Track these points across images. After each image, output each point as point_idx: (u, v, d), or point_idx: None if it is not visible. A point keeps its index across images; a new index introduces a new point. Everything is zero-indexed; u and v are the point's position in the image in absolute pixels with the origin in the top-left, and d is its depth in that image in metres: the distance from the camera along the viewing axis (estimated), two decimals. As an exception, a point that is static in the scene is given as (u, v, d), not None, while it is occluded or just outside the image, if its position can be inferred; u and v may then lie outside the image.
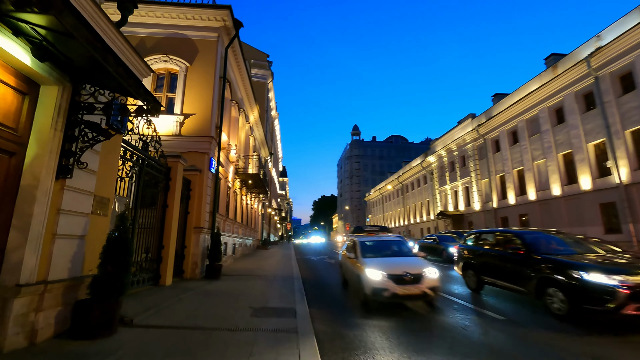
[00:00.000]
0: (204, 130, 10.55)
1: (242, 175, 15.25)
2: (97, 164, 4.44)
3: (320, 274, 11.94)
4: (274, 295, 7.05)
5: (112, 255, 4.04)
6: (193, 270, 9.32)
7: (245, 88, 16.58)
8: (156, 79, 11.25)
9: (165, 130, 10.46)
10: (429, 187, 39.82)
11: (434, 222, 37.85)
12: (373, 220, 67.11)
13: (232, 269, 11.69)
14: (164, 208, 7.87)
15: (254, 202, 22.45)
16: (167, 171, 8.00)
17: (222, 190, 12.72)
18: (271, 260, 15.39)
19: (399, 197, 51.30)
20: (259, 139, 24.01)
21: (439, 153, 35.91)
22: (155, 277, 7.45)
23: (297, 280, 9.45)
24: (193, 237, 9.51)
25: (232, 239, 14.33)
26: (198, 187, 9.87)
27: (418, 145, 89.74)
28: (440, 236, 17.24)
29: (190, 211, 9.58)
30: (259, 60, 30.72)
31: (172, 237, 7.87)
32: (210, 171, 10.43)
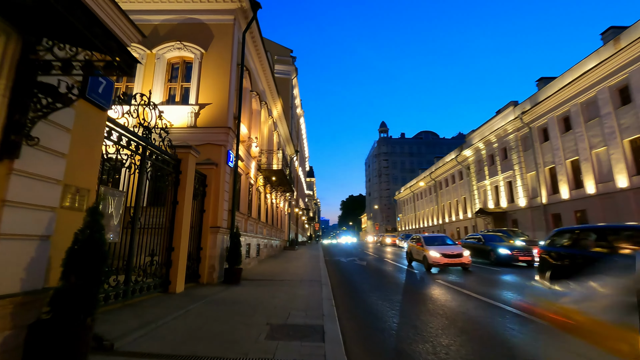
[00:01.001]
0: (220, 121, 9.64)
1: (266, 172, 14.32)
2: (67, 145, 3.48)
3: (352, 278, 10.66)
4: (298, 306, 5.88)
5: (77, 261, 3.03)
6: (210, 275, 8.40)
7: (267, 80, 15.66)
8: (170, 69, 10.52)
9: (179, 122, 9.68)
10: (465, 183, 37.14)
11: (471, 221, 35.21)
12: (404, 219, 64.57)
13: (255, 273, 10.71)
14: (174, 205, 6.96)
15: (280, 201, 21.56)
16: (176, 163, 7.10)
17: (243, 187, 11.81)
18: (297, 263, 14.32)
19: (431, 195, 48.67)
20: (283, 135, 23.12)
21: (476, 146, 33.27)
22: (164, 284, 6.55)
23: (326, 286, 8.24)
24: (210, 238, 8.60)
25: (255, 240, 13.41)
26: (214, 183, 8.96)
27: (450, 141, 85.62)
28: (486, 235, 15.32)
29: (206, 209, 8.68)
30: (282, 56, 29.95)
31: (183, 237, 6.95)
32: (228, 165, 9.50)
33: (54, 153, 3.32)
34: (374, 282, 9.52)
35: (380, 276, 10.91)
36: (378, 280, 9.89)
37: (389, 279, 10.16)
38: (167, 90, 10.27)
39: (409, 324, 5.15)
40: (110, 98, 4.18)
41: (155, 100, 9.87)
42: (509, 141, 28.24)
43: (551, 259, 6.38)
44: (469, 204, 36.25)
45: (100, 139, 4.16)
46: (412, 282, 9.46)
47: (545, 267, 6.51)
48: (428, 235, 13.42)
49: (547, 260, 6.51)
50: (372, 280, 10.04)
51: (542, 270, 6.67)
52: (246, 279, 9.32)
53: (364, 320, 5.49)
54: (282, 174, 14.57)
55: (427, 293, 7.82)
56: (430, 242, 12.53)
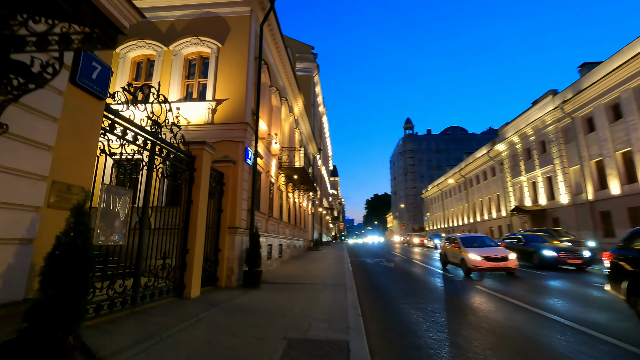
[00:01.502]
0: (238, 116, 9.23)
1: (287, 170, 13.86)
2: (54, 136, 3.08)
3: (379, 282, 9.91)
4: (320, 315, 5.28)
5: (57, 269, 2.60)
6: (228, 278, 7.99)
7: (287, 75, 15.20)
8: (188, 66, 10.27)
9: (196, 119, 9.37)
10: (499, 179, 35.00)
11: (506, 219, 33.11)
12: (431, 218, 62.36)
13: (276, 275, 10.24)
14: (188, 204, 6.58)
15: (302, 201, 21.10)
16: (190, 161, 6.71)
17: (264, 185, 11.39)
18: (321, 264, 13.74)
19: (461, 193, 46.49)
20: (305, 133, 22.64)
21: (510, 140, 31.18)
22: (177, 288, 6.16)
23: (351, 291, 7.58)
24: (228, 239, 8.19)
25: (277, 241, 12.97)
26: (232, 181, 8.55)
27: (480, 136, 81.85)
28: (527, 235, 13.97)
29: (223, 209, 8.29)
30: (303, 53, 29.51)
31: (198, 239, 6.55)
32: (246, 162, 9.07)
33: (37, 145, 2.92)
34: (404, 287, 8.74)
35: (410, 280, 10.08)
36: (408, 285, 9.09)
37: (421, 284, 9.32)
38: (184, 87, 10.02)
39: (449, 340, 4.40)
40: (107, 86, 3.77)
41: (172, 97, 9.64)
42: (547, 133, 26.13)
43: (630, 266, 5.11)
44: (503, 202, 34.11)
45: (96, 132, 3.75)
46: (447, 288, 8.57)
47: (621, 275, 5.26)
48: (466, 236, 12.17)
49: (623, 268, 5.25)
50: (401, 284, 9.25)
51: (615, 280, 5.43)
52: (266, 281, 8.85)
53: (395, 333, 4.78)
54: (304, 171, 14.04)
55: (466, 301, 6.95)
56: (469, 243, 11.28)
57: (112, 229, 4.37)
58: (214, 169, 7.98)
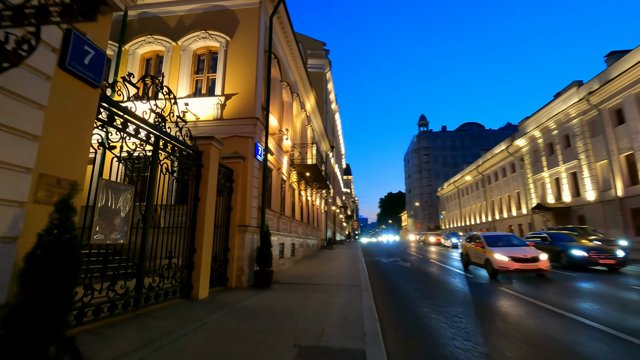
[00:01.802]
0: (247, 111, 8.95)
1: (299, 167, 13.54)
2: (40, 125, 2.82)
3: (396, 283, 9.45)
4: (334, 319, 4.90)
5: (38, 271, 2.32)
6: (238, 278, 7.72)
7: (298, 70, 14.86)
8: (197, 61, 10.07)
9: (205, 114, 9.15)
10: (519, 176, 33.70)
11: (527, 218, 31.84)
12: (447, 217, 60.97)
13: (289, 275, 9.93)
14: (195, 201, 6.32)
15: (315, 199, 20.76)
16: (197, 156, 6.45)
17: (275, 183, 11.09)
18: (335, 263, 13.36)
19: (479, 190, 45.14)
20: (317, 130, 22.28)
21: (531, 135, 29.91)
22: (185, 289, 5.91)
23: (366, 292, 7.18)
24: (238, 238, 7.92)
25: (289, 239, 12.67)
26: (242, 178, 8.28)
27: (498, 132, 79.47)
28: (553, 234, 13.18)
29: (233, 207, 8.02)
30: (315, 49, 29.17)
31: (205, 237, 6.29)
32: (256, 159, 8.79)
33: (21, 134, 2.66)
34: (423, 289, 8.25)
35: (429, 281, 9.58)
36: (427, 286, 8.60)
37: (441, 285, 8.81)
38: (193, 83, 9.83)
39: (477, 350, 3.94)
40: (101, 72, 3.49)
41: (181, 93, 9.45)
42: (572, 127, 24.87)
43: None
44: (523, 199, 32.83)
45: (89, 122, 3.48)
46: (470, 290, 8.03)
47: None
48: (490, 234, 11.24)
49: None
50: (420, 285, 8.77)
51: None
52: (278, 282, 8.55)
53: (416, 341, 4.36)
54: (316, 168, 13.68)
55: (493, 305, 6.43)
56: (494, 243, 10.47)
57: (111, 226, 4.12)
58: (223, 165, 7.72)
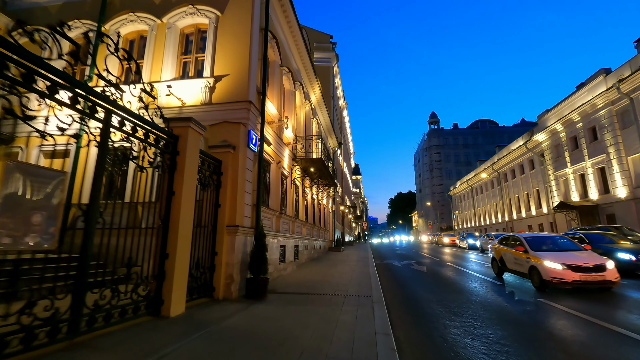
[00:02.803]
0: (239, 94, 7.78)
1: (302, 162, 12.31)
2: None
3: (413, 292, 8.14)
4: (339, 348, 3.69)
5: None
6: (227, 287, 6.53)
7: (301, 57, 13.66)
8: (184, 41, 8.96)
9: (192, 99, 8.03)
10: (538, 172, 31.80)
11: (548, 217, 29.95)
12: (461, 216, 58.93)
13: (289, 282, 8.71)
14: (169, 196, 5.16)
15: (322, 197, 19.51)
16: (172, 141, 5.29)
17: (274, 178, 9.90)
18: (343, 268, 12.09)
19: (494, 189, 43.18)
20: (324, 124, 21.03)
21: (552, 128, 28.04)
22: (153, 304, 4.74)
23: (379, 306, 5.92)
24: (226, 240, 6.74)
25: (292, 241, 11.46)
26: (232, 171, 7.10)
27: (512, 129, 76.91)
28: (590, 235, 11.64)
29: (221, 204, 6.85)
30: (321, 42, 27.99)
31: (182, 240, 5.12)
32: (249, 148, 7.60)
33: None
34: (448, 301, 6.92)
35: (452, 290, 8.22)
36: (452, 298, 7.25)
37: (468, 297, 7.46)
38: (180, 65, 8.71)
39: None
40: None
41: (165, 77, 8.35)
42: (599, 118, 23.01)
43: None
44: (543, 197, 30.92)
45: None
46: (508, 305, 6.63)
47: None
48: (534, 235, 9.28)
49: None
50: (442, 296, 7.43)
51: None
52: (275, 291, 7.34)
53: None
54: (321, 163, 12.44)
55: (544, 326, 5.07)
56: (539, 245, 8.62)
57: (26, 226, 2.97)
58: (208, 154, 6.56)
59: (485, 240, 21.93)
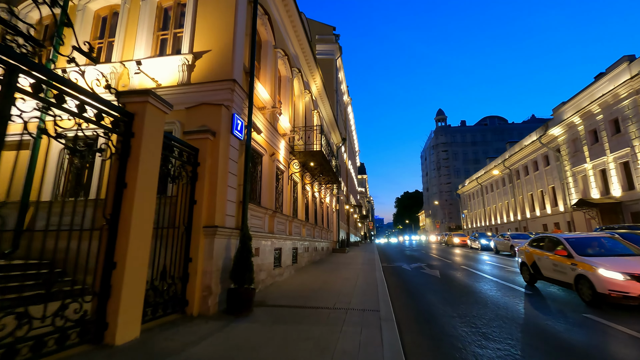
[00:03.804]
0: (221, 72, 6.66)
1: (301, 155, 11.14)
2: None
3: (428, 302, 6.92)
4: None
5: None
6: (204, 301, 5.40)
7: (299, 42, 12.50)
8: (162, 16, 7.87)
9: (168, 79, 6.93)
10: (554, 169, 30.21)
11: (564, 215, 28.37)
12: (470, 216, 57.25)
13: (284, 290, 7.56)
14: (119, 189, 4.05)
15: (325, 196, 18.33)
16: (125, 120, 4.17)
17: (268, 172, 8.76)
18: (346, 272, 10.90)
19: (505, 186, 41.56)
20: (327, 119, 19.85)
21: (570, 121, 26.46)
22: (92, 329, 3.63)
23: (388, 325, 4.75)
24: (203, 244, 5.61)
25: (289, 243, 10.30)
26: (211, 161, 5.97)
27: (522, 125, 74.92)
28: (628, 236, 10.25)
29: (197, 199, 5.72)
30: (324, 34, 26.83)
31: (134, 244, 3.99)
32: (233, 135, 6.47)
33: None
34: (472, 317, 5.69)
35: (475, 302, 6.97)
36: (478, 313, 6.01)
37: (497, 311, 6.21)
38: (156, 43, 7.63)
39: None
40: None
41: (139, 55, 7.26)
42: (622, 109, 21.44)
43: None
44: (560, 195, 29.32)
45: None
46: (556, 325, 5.33)
47: None
48: (577, 237, 7.67)
49: None
50: (465, 310, 6.19)
51: None
52: (265, 303, 6.20)
53: None
54: (321, 156, 11.26)
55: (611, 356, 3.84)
56: (584, 249, 7.04)
57: None
58: (180, 141, 5.44)
59: (500, 240, 20.50)
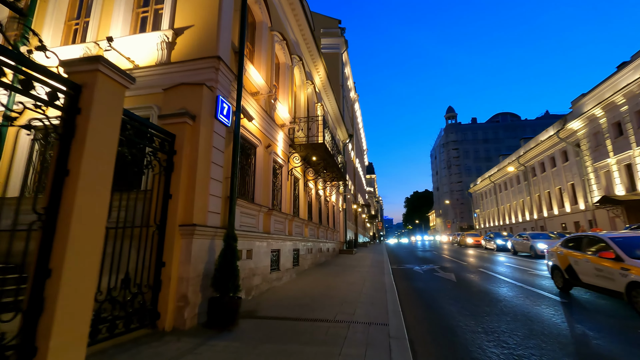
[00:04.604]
0: (205, 49, 5.84)
1: (301, 149, 10.26)
2: None
3: (446, 313, 5.96)
4: None
5: None
6: (179, 313, 4.56)
7: (300, 26, 11.64)
8: (143, -9, 7.10)
9: (146, 58, 6.15)
10: (573, 164, 28.65)
11: (586, 214, 26.82)
12: (482, 215, 55.53)
13: (281, 297, 6.69)
14: (58, 177, 3.23)
15: (331, 194, 17.41)
16: (69, 94, 3.35)
17: (263, 165, 7.91)
18: (352, 276, 9.97)
19: (520, 184, 39.95)
20: (331, 113, 18.94)
21: (590, 114, 24.95)
22: (17, 357, 2.81)
23: (399, 344, 3.86)
24: (179, 246, 4.78)
25: (289, 244, 9.44)
26: (190, 149, 5.14)
27: (535, 122, 72.58)
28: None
29: (172, 193, 4.89)
30: (329, 28, 25.94)
31: (76, 246, 3.16)
32: (218, 120, 5.63)
33: None
34: (502, 334, 4.70)
35: (502, 313, 5.97)
36: (505, 327, 5.02)
37: (531, 325, 5.21)
38: (136, 20, 6.85)
39: None
40: None
41: (115, 34, 6.48)
42: (650, 99, 19.96)
43: None
44: (580, 192, 27.76)
45: None
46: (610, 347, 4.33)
47: None
48: (624, 236, 6.41)
49: None
50: (491, 324, 5.20)
51: None
52: (255, 314, 5.34)
53: None
54: (324, 150, 10.36)
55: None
56: (634, 250, 5.81)
57: None
58: (150, 124, 4.61)
59: (519, 240, 19.24)
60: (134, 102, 5.94)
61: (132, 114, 4.16)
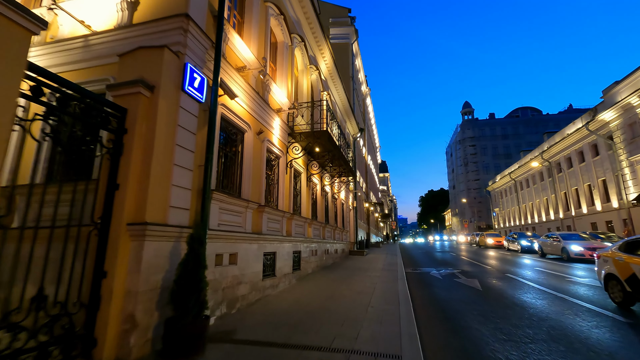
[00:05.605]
0: (172, 6, 4.75)
1: (302, 138, 9.08)
2: None
3: (471, 332, 4.69)
4: None
5: None
6: (124, 338, 3.47)
7: (301, 3, 10.46)
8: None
9: (104, 23, 5.12)
10: (605, 159, 26.39)
11: (619, 212, 24.61)
12: (502, 214, 53.04)
13: (271, 311, 5.54)
14: None
15: (340, 191, 16.18)
16: None
17: (253, 155, 6.77)
18: (360, 282, 8.75)
19: (544, 181, 37.58)
20: (340, 104, 17.68)
21: (626, 103, 22.75)
22: None
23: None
24: (126, 249, 3.69)
25: (288, 245, 8.30)
26: (147, 127, 4.05)
27: (558, 116, 69.07)
28: None
29: (121, 183, 3.81)
30: (338, 17, 24.68)
31: None
32: (185, 92, 4.52)
33: None
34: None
35: (550, 338, 4.63)
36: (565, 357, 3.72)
37: (598, 358, 3.90)
38: (99, -17, 5.84)
39: None
40: None
41: (74, -3, 5.47)
42: (698, 84, 17.80)
43: None
44: (612, 189, 25.51)
45: None
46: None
47: None
48: None
49: None
50: (538, 355, 3.90)
51: None
52: (230, 336, 4.21)
53: None
54: (327, 139, 9.15)
55: None
56: None
57: None
58: (86, 91, 3.52)
59: (547, 241, 17.50)
60: (90, 74, 4.93)
61: (48, 71, 3.08)
